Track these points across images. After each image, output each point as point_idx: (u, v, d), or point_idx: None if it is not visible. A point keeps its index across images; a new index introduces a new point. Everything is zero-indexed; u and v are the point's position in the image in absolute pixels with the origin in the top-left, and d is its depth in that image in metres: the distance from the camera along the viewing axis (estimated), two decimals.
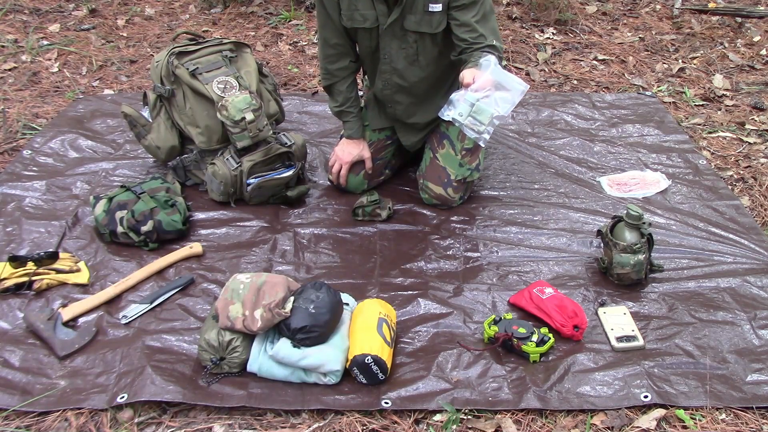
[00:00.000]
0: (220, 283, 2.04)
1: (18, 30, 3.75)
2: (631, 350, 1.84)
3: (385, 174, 2.54)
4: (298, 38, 3.78)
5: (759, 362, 1.80)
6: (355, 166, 2.43)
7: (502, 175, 2.61)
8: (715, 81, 3.39)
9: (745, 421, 1.66)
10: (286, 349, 1.67)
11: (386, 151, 2.49)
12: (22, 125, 2.89)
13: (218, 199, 2.39)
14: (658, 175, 2.61)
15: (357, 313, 1.83)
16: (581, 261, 2.18)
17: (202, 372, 1.73)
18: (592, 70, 3.53)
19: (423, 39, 2.18)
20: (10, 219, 2.31)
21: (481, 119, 1.86)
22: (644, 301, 2.01)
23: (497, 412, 1.67)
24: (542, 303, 1.90)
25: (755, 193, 2.55)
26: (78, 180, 2.52)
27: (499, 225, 2.33)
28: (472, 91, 1.86)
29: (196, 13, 4.04)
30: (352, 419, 1.64)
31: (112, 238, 2.19)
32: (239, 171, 2.31)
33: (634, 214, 2.01)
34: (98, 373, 1.74)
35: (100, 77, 3.36)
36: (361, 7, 2.16)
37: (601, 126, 2.98)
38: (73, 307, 1.92)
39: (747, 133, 2.96)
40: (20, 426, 1.62)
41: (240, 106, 2.25)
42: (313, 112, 3.03)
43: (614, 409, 1.67)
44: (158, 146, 2.41)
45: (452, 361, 1.80)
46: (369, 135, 2.46)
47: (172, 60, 2.32)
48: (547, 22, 3.96)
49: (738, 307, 1.99)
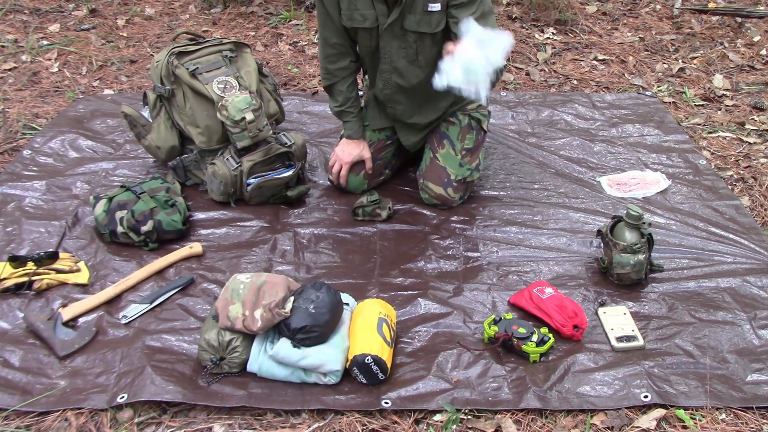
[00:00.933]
0: (220, 283, 2.04)
1: (18, 30, 3.74)
2: (631, 350, 1.84)
3: (385, 174, 2.54)
4: (298, 38, 3.77)
5: (759, 362, 1.80)
6: (355, 167, 2.43)
7: (502, 175, 2.61)
8: (715, 81, 3.39)
9: (745, 421, 1.66)
10: (286, 349, 1.67)
11: (386, 151, 2.49)
12: (22, 125, 2.89)
13: (218, 199, 2.39)
14: (658, 175, 2.61)
15: (357, 313, 1.83)
16: (581, 261, 2.18)
17: (202, 372, 1.73)
18: (592, 70, 3.53)
19: (422, 39, 2.18)
20: (10, 219, 2.31)
21: (475, 76, 1.85)
22: (644, 301, 2.01)
23: (497, 412, 1.67)
24: (542, 303, 1.90)
25: (755, 193, 2.55)
26: (78, 180, 2.52)
27: (499, 225, 2.33)
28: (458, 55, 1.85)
29: (196, 13, 4.04)
30: (352, 419, 1.64)
31: (112, 238, 2.19)
32: (239, 171, 2.31)
33: (634, 214, 2.01)
34: (98, 373, 1.74)
35: (100, 77, 3.36)
36: (361, 7, 2.16)
37: (601, 126, 2.98)
38: (73, 307, 1.92)
39: (747, 133, 2.95)
40: (20, 426, 1.62)
41: (240, 106, 2.25)
42: (313, 112, 3.03)
43: (614, 409, 1.67)
44: (158, 146, 2.41)
45: (452, 361, 1.80)
46: (369, 135, 2.46)
47: (172, 60, 2.32)
48: (547, 22, 3.96)
49: (738, 307, 1.99)
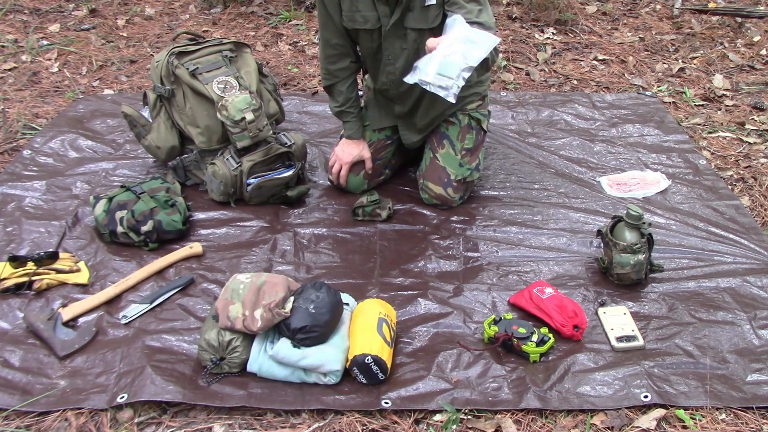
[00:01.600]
0: (220, 283, 2.04)
1: (18, 30, 3.74)
2: (631, 350, 1.84)
3: (385, 174, 2.54)
4: (298, 38, 3.77)
5: (759, 362, 1.80)
6: (355, 167, 2.43)
7: (502, 175, 2.61)
8: (715, 81, 3.39)
9: (745, 421, 1.66)
10: (286, 349, 1.67)
11: (386, 151, 2.49)
12: (22, 125, 2.89)
13: (218, 199, 2.39)
14: (658, 175, 2.61)
15: (357, 313, 1.83)
16: (581, 261, 2.18)
17: (202, 372, 1.73)
18: (592, 70, 3.53)
19: (422, 36, 2.17)
20: (10, 219, 2.31)
21: (448, 74, 1.78)
22: (644, 301, 2.01)
23: (497, 412, 1.67)
24: (542, 303, 1.90)
25: (755, 193, 2.55)
26: (78, 180, 2.52)
27: (499, 225, 2.33)
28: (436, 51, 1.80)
29: (196, 13, 4.04)
30: (352, 419, 1.64)
31: (112, 238, 2.19)
32: (239, 171, 2.31)
33: (634, 214, 2.01)
34: (98, 373, 1.74)
35: (100, 77, 3.36)
36: (362, 9, 2.15)
37: (601, 126, 2.98)
38: (73, 307, 1.92)
39: (747, 133, 2.95)
40: (20, 426, 1.62)
41: (240, 106, 2.25)
42: (313, 112, 3.03)
43: (614, 409, 1.67)
44: (158, 146, 2.41)
45: (452, 361, 1.80)
46: (369, 135, 2.46)
47: (172, 60, 2.32)
48: (547, 22, 3.96)
49: (738, 307, 1.99)
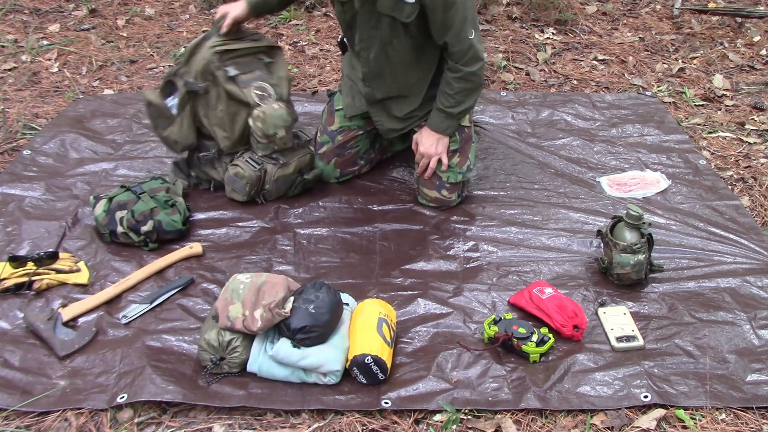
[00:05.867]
0: (220, 283, 2.04)
1: (18, 30, 3.74)
2: (631, 350, 1.84)
3: (360, 165, 2.54)
4: (298, 38, 3.77)
5: (759, 362, 1.80)
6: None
7: (502, 175, 2.61)
8: (715, 81, 3.39)
9: (745, 421, 1.66)
10: (286, 349, 1.67)
11: (357, 140, 2.48)
12: (22, 125, 2.89)
13: (240, 199, 2.38)
14: (658, 175, 2.61)
15: (357, 313, 1.83)
16: (581, 261, 2.18)
17: (202, 372, 1.73)
18: (592, 70, 3.53)
19: (395, 27, 2.14)
20: (10, 219, 2.31)
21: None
22: (644, 301, 2.01)
23: (497, 412, 1.67)
24: (542, 303, 1.90)
25: (755, 193, 2.55)
26: (78, 180, 2.52)
27: (499, 225, 2.33)
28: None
29: (196, 13, 4.04)
30: (352, 419, 1.65)
31: (112, 238, 2.19)
32: (262, 171, 2.34)
33: (634, 214, 2.01)
34: (98, 373, 1.74)
35: (100, 77, 3.36)
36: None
37: (601, 126, 2.98)
38: (73, 307, 1.92)
39: (747, 133, 2.95)
40: (20, 426, 1.62)
41: (276, 122, 2.26)
42: (313, 113, 3.03)
43: (614, 409, 1.67)
44: (176, 141, 2.37)
45: (452, 361, 1.80)
46: (339, 121, 2.46)
47: (215, 60, 2.27)
48: (547, 22, 3.96)
49: (738, 307, 1.99)
